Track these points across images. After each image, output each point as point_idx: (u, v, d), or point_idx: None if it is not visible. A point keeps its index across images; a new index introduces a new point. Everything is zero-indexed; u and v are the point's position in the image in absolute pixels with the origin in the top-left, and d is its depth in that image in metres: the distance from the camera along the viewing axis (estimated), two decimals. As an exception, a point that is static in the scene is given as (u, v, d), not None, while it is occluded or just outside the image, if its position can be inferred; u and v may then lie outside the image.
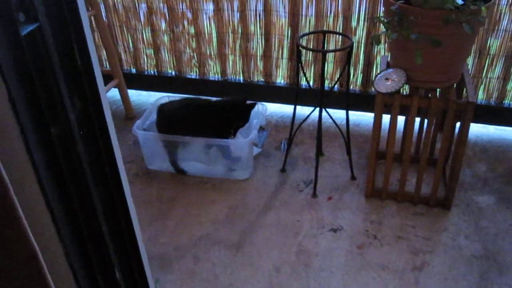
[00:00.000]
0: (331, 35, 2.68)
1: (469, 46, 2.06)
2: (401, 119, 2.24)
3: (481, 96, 2.77)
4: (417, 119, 2.28)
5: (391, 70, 2.11)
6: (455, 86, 2.13)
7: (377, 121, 2.18)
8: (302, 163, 2.61)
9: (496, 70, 2.65)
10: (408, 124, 2.14)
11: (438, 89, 2.12)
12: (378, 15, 2.59)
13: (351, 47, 2.18)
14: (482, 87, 2.74)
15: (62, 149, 0.69)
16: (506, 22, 2.50)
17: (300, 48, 2.20)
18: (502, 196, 2.38)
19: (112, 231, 0.88)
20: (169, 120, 2.51)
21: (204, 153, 2.52)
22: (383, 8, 2.10)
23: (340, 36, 2.70)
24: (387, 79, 2.10)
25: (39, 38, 0.63)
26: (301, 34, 2.36)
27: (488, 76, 2.68)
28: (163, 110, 2.54)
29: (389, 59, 2.29)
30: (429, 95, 2.11)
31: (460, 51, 1.98)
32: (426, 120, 2.22)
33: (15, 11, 0.59)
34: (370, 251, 2.10)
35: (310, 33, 2.63)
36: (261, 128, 2.63)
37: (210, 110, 2.49)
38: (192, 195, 2.43)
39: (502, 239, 2.15)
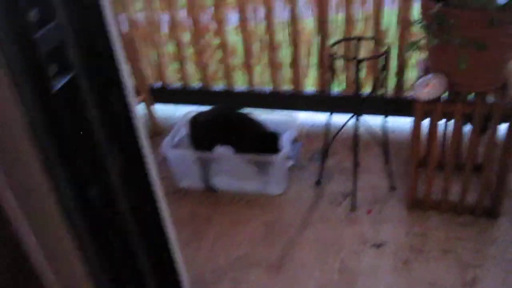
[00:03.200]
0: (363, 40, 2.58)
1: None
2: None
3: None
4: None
5: (431, 75, 2.00)
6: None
7: (417, 129, 2.08)
8: (337, 174, 2.51)
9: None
10: (455, 131, 2.03)
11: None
12: (415, 19, 2.48)
13: (387, 53, 2.08)
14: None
15: (104, 213, 0.61)
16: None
17: (333, 57, 2.11)
18: (552, 202, 2.25)
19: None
20: (204, 132, 2.44)
21: (240, 168, 2.44)
22: (420, 11, 2.00)
23: (373, 41, 2.60)
24: (427, 84, 2.00)
25: (73, 90, 0.55)
26: (333, 42, 2.27)
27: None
28: (197, 121, 2.47)
29: (427, 63, 2.18)
30: (471, 99, 2.00)
31: (505, 53, 1.86)
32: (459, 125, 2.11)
33: (46, 63, 0.51)
34: (417, 267, 2.00)
35: (342, 40, 2.53)
36: (294, 141, 2.53)
37: (246, 123, 2.41)
38: (227, 213, 2.35)
39: (556, 249, 2.03)
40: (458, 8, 1.73)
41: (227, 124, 2.41)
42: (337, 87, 2.30)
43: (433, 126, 2.05)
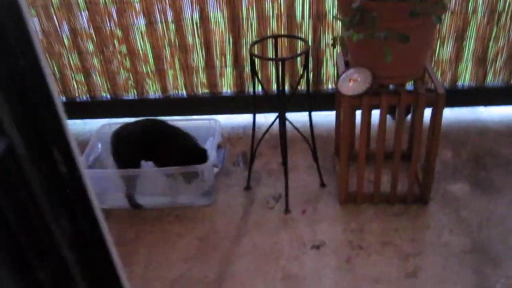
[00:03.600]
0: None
1: (433, 36, 1.96)
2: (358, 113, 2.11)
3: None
4: (374, 112, 2.15)
5: (352, 69, 1.97)
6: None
7: (346, 124, 2.05)
8: (266, 176, 2.44)
9: (447, 52, 2.58)
10: (381, 122, 2.01)
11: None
12: (333, 14, 2.46)
13: (308, 51, 2.03)
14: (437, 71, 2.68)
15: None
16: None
17: (254, 57, 2.02)
18: (475, 181, 2.31)
19: None
20: (127, 147, 2.26)
21: (166, 182, 2.30)
22: (338, 5, 1.96)
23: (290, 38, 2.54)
24: (350, 80, 1.97)
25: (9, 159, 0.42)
26: (253, 41, 2.18)
27: (440, 59, 2.61)
28: (119, 136, 2.28)
29: (346, 57, 2.15)
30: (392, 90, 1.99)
31: (427, 43, 1.87)
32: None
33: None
34: (359, 264, 1.97)
35: (262, 39, 2.45)
36: (218, 146, 2.43)
37: (174, 134, 2.27)
38: (155, 231, 2.21)
39: (486, 228, 2.08)
40: (379, 1, 1.70)
41: (151, 137, 2.26)
42: (258, 87, 2.22)
43: (363, 120, 2.02)
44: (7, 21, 0.45)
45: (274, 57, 2.17)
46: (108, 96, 2.86)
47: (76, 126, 2.96)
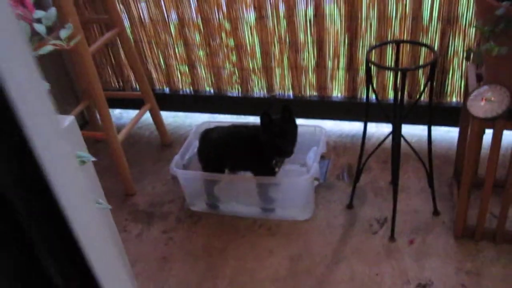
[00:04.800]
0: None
1: None
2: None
3: None
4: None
5: (487, 87, 1.67)
6: None
7: (473, 150, 1.76)
8: (371, 195, 2.20)
9: None
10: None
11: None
12: (468, 18, 2.15)
13: (435, 62, 1.75)
14: None
15: None
16: None
17: (371, 65, 1.78)
18: None
19: None
20: (213, 150, 2.14)
21: (257, 192, 2.13)
22: (476, 11, 1.67)
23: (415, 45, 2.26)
24: (482, 98, 1.67)
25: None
26: (370, 46, 1.94)
27: None
28: (207, 137, 2.16)
29: (481, 70, 1.85)
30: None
31: None
32: None
33: None
34: (472, 314, 1.69)
35: (382, 44, 2.19)
36: (322, 157, 2.22)
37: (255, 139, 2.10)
38: (245, 243, 2.05)
39: None
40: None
41: (240, 143, 2.09)
42: (372, 95, 1.96)
43: (494, 146, 1.72)
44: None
45: (393, 65, 1.91)
46: (212, 91, 2.74)
47: (177, 119, 2.88)
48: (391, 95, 2.42)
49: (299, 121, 2.06)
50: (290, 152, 1.97)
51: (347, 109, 2.54)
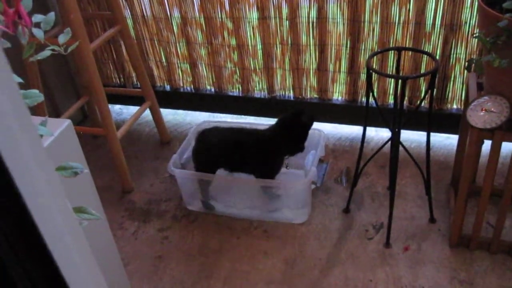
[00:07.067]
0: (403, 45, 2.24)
1: None
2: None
3: None
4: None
5: (487, 97, 1.67)
6: None
7: (471, 160, 1.76)
8: (368, 200, 2.20)
9: None
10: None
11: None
12: (470, 25, 2.14)
13: (436, 70, 1.75)
14: None
15: None
16: None
17: (371, 72, 1.78)
18: None
19: None
20: (208, 151, 2.13)
21: (252, 196, 2.14)
22: (479, 20, 1.66)
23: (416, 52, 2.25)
24: (482, 109, 1.67)
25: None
26: (372, 52, 1.93)
27: None
28: (204, 137, 2.15)
29: (480, 80, 1.85)
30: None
31: None
32: None
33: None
34: (465, 324, 1.69)
35: (383, 51, 2.18)
36: (320, 161, 2.21)
37: (258, 141, 2.09)
38: (241, 244, 2.05)
39: None
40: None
41: (237, 146, 2.09)
42: (374, 101, 1.95)
43: (492, 156, 1.72)
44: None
45: (395, 72, 1.90)
46: (212, 90, 2.74)
47: (177, 117, 2.88)
48: (391, 99, 2.42)
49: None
50: (303, 148, 2.11)
51: (347, 113, 2.54)
